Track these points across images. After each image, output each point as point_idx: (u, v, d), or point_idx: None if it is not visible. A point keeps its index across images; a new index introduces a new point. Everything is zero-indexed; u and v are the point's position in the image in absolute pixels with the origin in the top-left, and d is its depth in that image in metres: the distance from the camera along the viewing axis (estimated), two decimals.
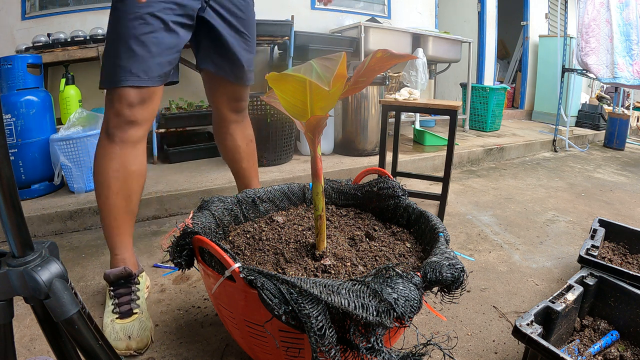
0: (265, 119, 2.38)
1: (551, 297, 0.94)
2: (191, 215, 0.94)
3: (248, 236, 0.98)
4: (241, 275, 0.66)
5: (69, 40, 2.39)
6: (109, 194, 1.05)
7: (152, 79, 1.03)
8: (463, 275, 0.73)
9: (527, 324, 0.83)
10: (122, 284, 1.07)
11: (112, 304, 1.04)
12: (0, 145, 0.35)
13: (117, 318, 1.00)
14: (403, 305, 0.62)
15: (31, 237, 0.44)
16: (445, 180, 1.88)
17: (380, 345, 0.60)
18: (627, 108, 4.85)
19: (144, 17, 0.99)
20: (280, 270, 0.82)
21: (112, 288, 1.07)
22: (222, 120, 1.39)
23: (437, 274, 0.70)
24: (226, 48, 1.23)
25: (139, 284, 1.12)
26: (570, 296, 0.96)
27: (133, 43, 0.99)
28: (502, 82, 5.50)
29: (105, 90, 1.04)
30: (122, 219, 1.08)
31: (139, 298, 1.08)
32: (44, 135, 1.90)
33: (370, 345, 0.60)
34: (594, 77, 3.23)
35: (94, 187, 1.08)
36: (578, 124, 4.68)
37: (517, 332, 0.82)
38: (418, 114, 3.51)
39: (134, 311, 1.03)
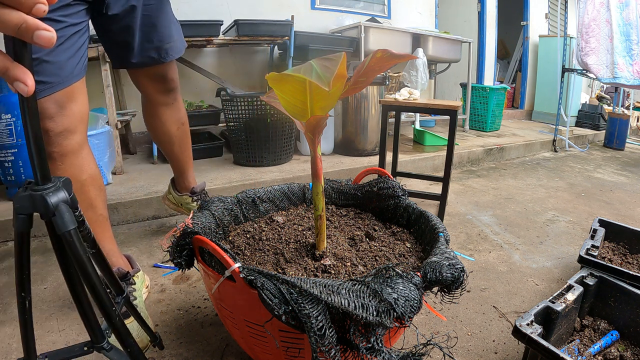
0: (265, 119, 2.38)
1: (551, 297, 0.94)
2: (191, 215, 0.94)
3: (248, 236, 0.98)
4: (241, 275, 0.66)
5: None
6: None
7: (67, 77, 0.92)
8: (463, 275, 0.73)
9: (527, 324, 0.83)
10: None
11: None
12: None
13: None
14: (403, 305, 0.62)
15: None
16: (445, 180, 1.88)
17: (380, 345, 0.60)
18: (627, 108, 4.85)
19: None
20: (280, 270, 0.82)
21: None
22: (149, 102, 1.29)
23: (437, 274, 0.70)
24: (109, 32, 1.09)
25: (134, 284, 1.11)
26: (570, 296, 0.96)
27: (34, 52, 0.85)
28: (502, 82, 5.50)
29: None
30: (94, 229, 1.02)
31: (136, 298, 1.07)
32: None
33: (370, 345, 0.60)
34: (594, 77, 3.23)
35: None
36: (578, 124, 4.68)
37: (517, 332, 0.82)
38: (418, 114, 3.51)
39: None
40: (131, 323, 0.99)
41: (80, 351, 0.65)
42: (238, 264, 0.67)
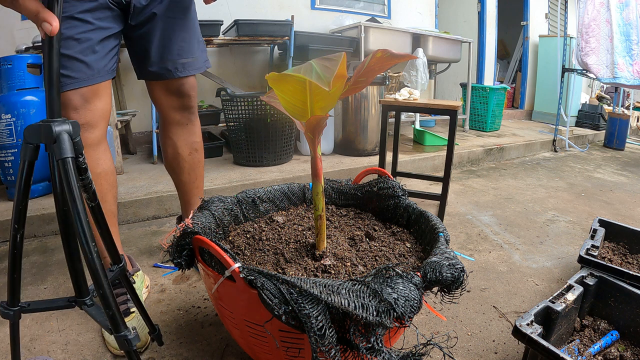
0: (265, 119, 2.38)
1: (551, 297, 0.94)
2: (191, 215, 0.94)
3: (248, 236, 0.98)
4: (241, 275, 0.66)
5: None
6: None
7: (92, 76, 0.99)
8: (463, 275, 0.73)
9: (527, 324, 0.83)
10: (117, 284, 1.07)
11: None
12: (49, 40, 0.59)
13: None
14: (403, 305, 0.62)
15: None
16: (445, 180, 1.88)
17: (380, 345, 0.60)
18: (627, 108, 4.85)
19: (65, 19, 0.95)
20: (280, 270, 0.82)
21: None
22: (163, 121, 1.27)
23: (437, 274, 0.70)
24: (132, 40, 1.13)
25: (134, 282, 1.11)
26: (570, 296, 0.96)
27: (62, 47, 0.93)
28: (502, 82, 5.50)
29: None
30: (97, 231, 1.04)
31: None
32: None
33: (370, 345, 0.60)
34: (594, 77, 3.23)
35: None
36: (578, 124, 4.68)
37: (517, 332, 0.82)
38: (418, 114, 3.51)
39: (131, 310, 1.03)
40: (130, 321, 1.00)
41: (63, 304, 0.67)
42: (238, 264, 0.67)
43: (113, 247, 0.79)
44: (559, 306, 0.91)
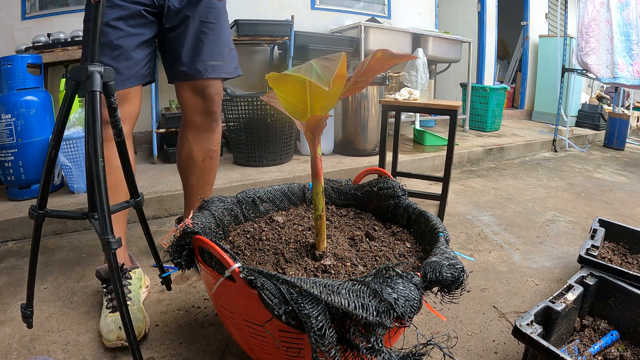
0: (265, 119, 2.38)
1: (551, 297, 0.94)
2: (191, 215, 0.94)
3: (248, 236, 0.98)
4: (241, 275, 0.66)
5: (69, 40, 2.39)
6: None
7: (122, 82, 1.06)
8: (463, 275, 0.73)
9: (527, 324, 0.83)
10: (108, 280, 1.09)
11: (106, 300, 1.06)
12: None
13: (110, 312, 1.02)
14: (403, 305, 0.62)
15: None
16: (445, 180, 1.88)
17: (380, 345, 0.60)
18: (627, 108, 4.85)
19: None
20: (280, 270, 0.82)
21: (104, 285, 1.09)
22: (185, 121, 1.28)
23: (437, 274, 0.70)
24: (164, 42, 1.18)
25: (130, 278, 1.12)
26: (570, 296, 0.96)
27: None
28: (502, 82, 5.50)
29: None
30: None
31: (130, 292, 1.09)
32: (44, 135, 1.90)
33: (370, 345, 0.60)
34: (594, 77, 3.23)
35: None
36: (578, 124, 4.68)
37: (517, 332, 0.82)
38: (418, 114, 3.51)
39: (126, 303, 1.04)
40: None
41: (78, 215, 0.88)
42: (238, 264, 0.67)
43: (132, 181, 0.97)
44: (559, 306, 0.91)
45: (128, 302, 1.04)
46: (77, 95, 0.82)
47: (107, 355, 0.97)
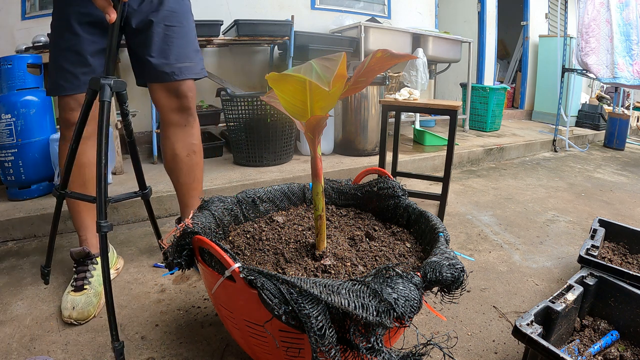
0: (265, 119, 2.38)
1: (551, 297, 0.94)
2: (191, 215, 0.94)
3: (248, 236, 0.98)
4: (241, 275, 0.66)
5: None
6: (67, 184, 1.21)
7: (78, 86, 1.13)
8: (463, 275, 0.73)
9: (527, 324, 0.83)
10: (82, 262, 1.21)
11: (73, 279, 1.19)
12: None
13: (72, 290, 1.14)
14: (403, 305, 0.62)
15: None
16: (445, 180, 1.88)
17: (380, 345, 0.60)
18: (627, 108, 4.85)
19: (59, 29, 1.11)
20: (280, 270, 0.82)
21: (75, 265, 1.22)
22: (163, 122, 1.31)
23: (437, 274, 0.70)
24: (132, 48, 1.23)
25: (96, 264, 1.23)
26: (570, 296, 0.96)
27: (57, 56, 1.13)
28: (502, 82, 5.50)
29: None
30: (80, 205, 1.23)
31: (92, 276, 1.19)
32: (44, 135, 1.90)
33: (370, 345, 0.60)
34: (594, 77, 3.23)
35: None
36: (578, 124, 4.68)
37: (517, 332, 0.82)
38: (418, 114, 3.51)
39: (85, 287, 1.15)
40: (81, 296, 1.12)
41: (134, 195, 1.14)
42: (238, 264, 0.67)
43: (141, 176, 1.13)
44: (559, 306, 0.91)
45: (86, 287, 1.17)
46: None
47: (107, 356, 0.97)
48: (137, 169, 1.10)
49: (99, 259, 1.24)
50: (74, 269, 1.21)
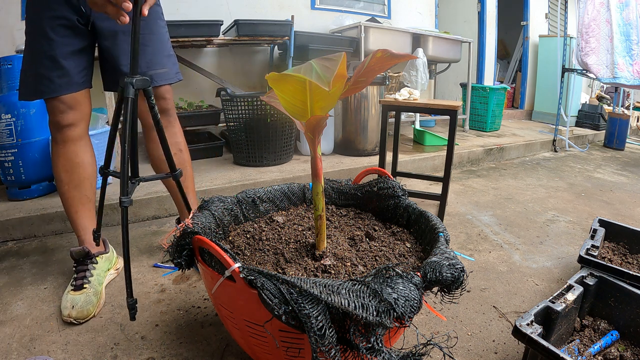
0: (265, 119, 2.38)
1: (551, 297, 0.94)
2: (191, 215, 0.94)
3: (248, 236, 0.98)
4: (241, 275, 0.66)
5: None
6: (61, 186, 1.22)
7: (53, 90, 1.13)
8: (463, 275, 0.73)
9: (527, 324, 0.83)
10: (82, 262, 1.22)
11: (73, 278, 1.20)
12: None
13: (71, 290, 1.15)
14: (403, 305, 0.62)
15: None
16: (445, 180, 1.88)
17: (380, 345, 0.60)
18: (627, 108, 4.85)
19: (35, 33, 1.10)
20: (280, 270, 0.82)
21: (75, 264, 1.23)
22: (145, 126, 1.33)
23: (437, 274, 0.70)
24: (105, 57, 1.21)
25: (96, 263, 1.24)
26: (570, 296, 0.96)
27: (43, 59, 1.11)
28: (502, 82, 5.50)
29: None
30: (77, 205, 1.24)
31: (92, 275, 1.20)
32: (44, 135, 1.90)
33: (370, 345, 0.60)
34: (594, 77, 3.23)
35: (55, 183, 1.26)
36: (578, 124, 4.68)
37: (517, 332, 0.82)
38: (418, 114, 3.51)
39: (84, 286, 1.16)
40: (80, 295, 1.12)
41: (164, 176, 1.20)
42: (238, 264, 0.67)
43: (170, 159, 1.17)
44: (559, 306, 0.91)
45: (86, 286, 1.15)
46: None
47: (107, 356, 0.97)
48: (166, 153, 1.17)
49: (98, 259, 1.26)
50: (74, 269, 1.22)
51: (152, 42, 1.24)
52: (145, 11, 0.98)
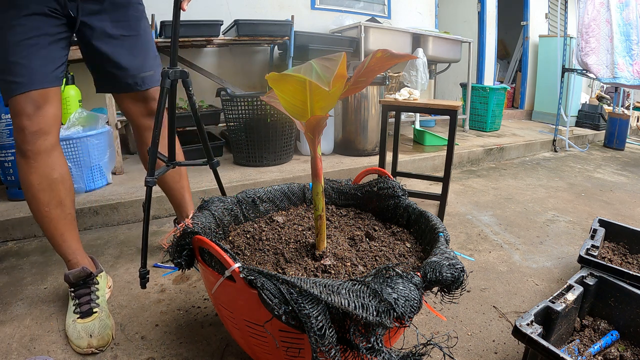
0: (265, 119, 2.38)
1: (551, 297, 0.94)
2: (191, 215, 0.94)
3: (248, 236, 0.98)
4: (241, 275, 0.66)
5: None
6: (40, 207, 1.05)
7: (35, 82, 0.99)
8: (463, 275, 0.73)
9: (527, 324, 0.83)
10: (81, 285, 1.09)
11: (74, 305, 1.07)
12: None
13: (78, 318, 1.02)
14: (403, 305, 0.62)
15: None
16: (445, 180, 1.88)
17: (380, 345, 0.60)
18: (627, 108, 4.85)
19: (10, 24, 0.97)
20: (280, 270, 0.82)
21: (72, 289, 1.09)
22: (135, 128, 1.30)
23: (437, 274, 0.70)
24: (100, 61, 1.16)
25: (98, 283, 1.13)
26: (570, 296, 0.96)
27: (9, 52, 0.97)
28: (502, 82, 5.50)
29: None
30: (62, 227, 1.09)
31: (98, 297, 1.10)
32: None
33: (370, 345, 0.60)
34: (594, 77, 3.23)
35: (27, 203, 1.09)
36: (578, 124, 4.68)
37: (517, 332, 0.82)
38: (418, 114, 3.51)
39: (94, 310, 1.05)
40: (93, 321, 1.01)
41: (201, 163, 1.27)
42: (238, 264, 0.67)
43: (207, 149, 1.26)
44: (559, 306, 0.91)
45: (96, 309, 1.05)
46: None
47: (107, 355, 0.97)
48: (204, 142, 1.24)
49: (99, 278, 1.16)
50: (72, 293, 1.09)
51: (139, 44, 1.20)
52: (185, 6, 1.05)
